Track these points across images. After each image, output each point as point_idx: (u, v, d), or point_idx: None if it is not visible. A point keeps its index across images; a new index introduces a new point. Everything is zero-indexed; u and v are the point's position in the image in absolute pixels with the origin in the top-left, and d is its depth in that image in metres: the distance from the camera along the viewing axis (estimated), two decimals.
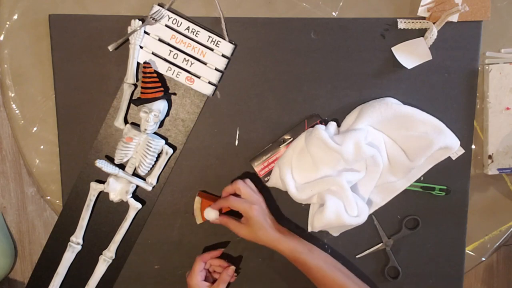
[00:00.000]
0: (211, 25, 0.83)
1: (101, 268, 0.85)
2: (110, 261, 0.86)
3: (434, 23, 0.83)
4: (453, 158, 0.88)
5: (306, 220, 0.88)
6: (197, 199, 0.84)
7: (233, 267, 0.81)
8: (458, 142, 0.83)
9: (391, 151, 0.82)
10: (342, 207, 0.79)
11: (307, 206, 0.88)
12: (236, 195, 0.80)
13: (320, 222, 0.80)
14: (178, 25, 0.81)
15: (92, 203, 0.84)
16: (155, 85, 0.78)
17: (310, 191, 0.81)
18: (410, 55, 0.84)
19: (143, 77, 0.78)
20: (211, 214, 0.79)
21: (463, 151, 0.87)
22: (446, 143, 0.81)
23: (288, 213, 0.88)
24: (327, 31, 0.84)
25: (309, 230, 0.84)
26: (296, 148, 0.82)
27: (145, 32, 0.81)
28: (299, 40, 0.84)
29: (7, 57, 0.83)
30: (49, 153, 0.86)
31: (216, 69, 0.82)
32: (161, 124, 0.84)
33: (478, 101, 0.89)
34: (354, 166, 0.82)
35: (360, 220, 0.80)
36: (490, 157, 0.89)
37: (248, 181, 0.81)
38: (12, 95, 0.84)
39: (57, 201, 0.87)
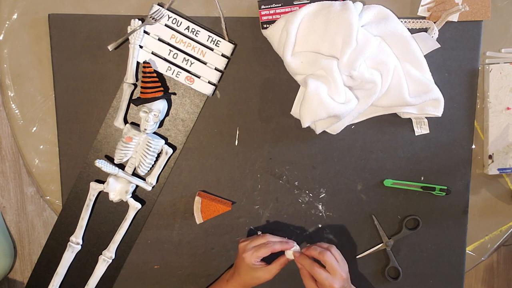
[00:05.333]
0: (211, 24, 0.83)
1: (101, 268, 0.85)
2: (110, 261, 0.85)
3: (434, 22, 0.83)
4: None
5: (305, 220, 0.88)
6: (197, 199, 0.84)
7: (290, 257, 0.77)
8: (443, 105, 0.83)
9: (396, 78, 0.81)
10: (324, 90, 0.76)
11: (307, 206, 0.88)
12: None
13: (304, 108, 0.77)
14: (178, 24, 0.81)
15: (91, 203, 0.83)
16: (155, 85, 0.78)
17: (299, 60, 0.78)
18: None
19: (143, 76, 0.78)
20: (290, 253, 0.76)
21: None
22: (438, 97, 0.82)
23: (288, 212, 0.88)
24: None
25: (303, 125, 0.79)
26: (311, 12, 0.78)
27: (145, 32, 0.80)
28: None
29: (7, 57, 0.83)
30: (48, 153, 0.86)
31: (216, 69, 0.82)
32: (161, 124, 0.84)
33: (478, 101, 0.89)
34: (352, 72, 0.77)
35: (347, 108, 0.77)
36: (490, 157, 0.88)
37: (334, 249, 0.77)
38: (12, 94, 0.84)
39: (57, 201, 0.87)
